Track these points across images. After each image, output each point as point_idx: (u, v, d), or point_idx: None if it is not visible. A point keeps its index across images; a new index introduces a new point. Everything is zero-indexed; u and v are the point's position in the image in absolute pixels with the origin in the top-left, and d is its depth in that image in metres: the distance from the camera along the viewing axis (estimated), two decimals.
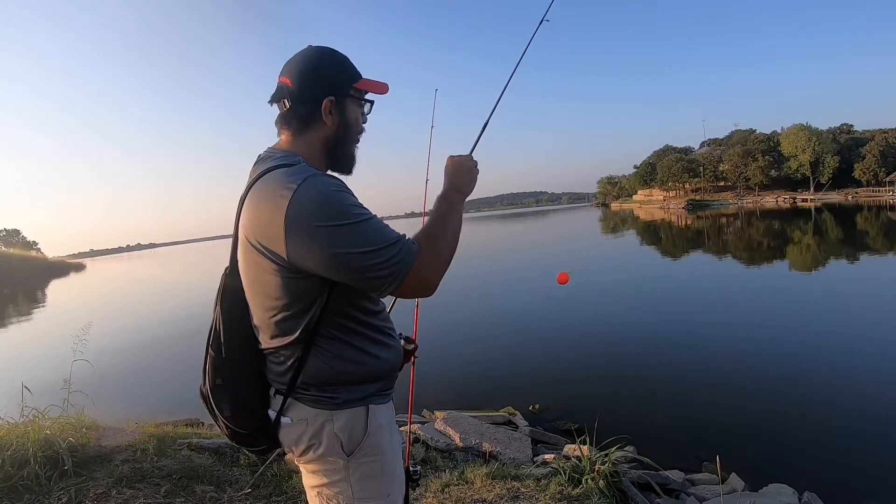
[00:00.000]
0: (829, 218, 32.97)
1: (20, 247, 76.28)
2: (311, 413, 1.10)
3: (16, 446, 2.81)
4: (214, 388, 1.13)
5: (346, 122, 1.16)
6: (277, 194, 0.99)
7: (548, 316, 10.50)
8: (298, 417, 1.11)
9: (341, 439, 1.09)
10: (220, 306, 1.14)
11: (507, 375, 6.84)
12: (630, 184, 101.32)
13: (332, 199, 0.99)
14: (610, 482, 2.85)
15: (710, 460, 4.01)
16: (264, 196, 1.02)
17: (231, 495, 2.83)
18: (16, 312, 23.53)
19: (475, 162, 1.29)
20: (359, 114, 1.19)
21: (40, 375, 5.16)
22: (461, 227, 1.19)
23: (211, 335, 1.15)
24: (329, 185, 1.01)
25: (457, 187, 1.22)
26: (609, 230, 39.52)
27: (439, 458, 3.76)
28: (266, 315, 1.08)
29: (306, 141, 1.14)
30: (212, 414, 1.17)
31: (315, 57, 1.14)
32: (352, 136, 1.19)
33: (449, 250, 1.12)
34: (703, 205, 66.89)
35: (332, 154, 1.17)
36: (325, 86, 1.12)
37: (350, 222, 0.98)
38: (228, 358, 1.12)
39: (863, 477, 3.95)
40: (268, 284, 1.05)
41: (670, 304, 10.72)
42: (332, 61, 1.15)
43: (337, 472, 1.12)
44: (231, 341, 1.12)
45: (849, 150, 62.62)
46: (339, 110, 1.14)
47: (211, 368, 1.13)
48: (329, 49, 1.16)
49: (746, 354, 6.87)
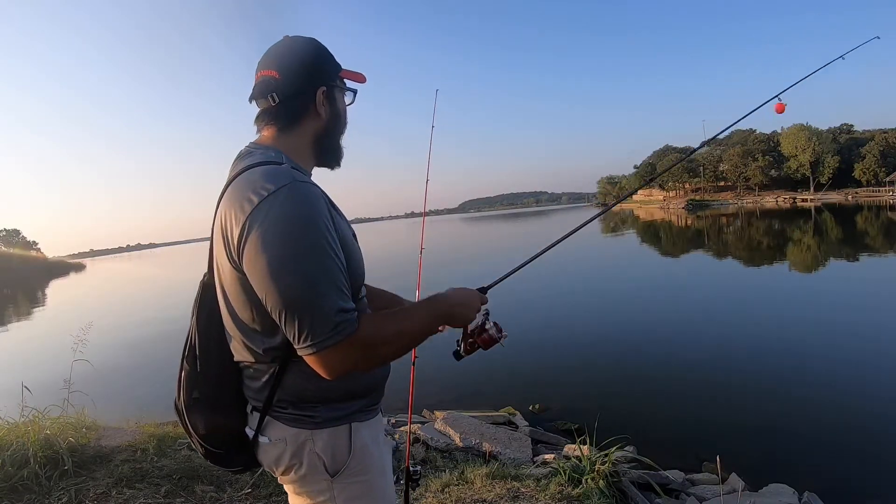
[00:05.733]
0: (829, 218, 32.96)
1: (20, 247, 76.29)
2: (290, 432, 1.02)
3: (16, 446, 2.81)
4: (189, 404, 1.06)
5: (337, 113, 1.13)
6: (248, 195, 0.93)
7: (548, 316, 10.49)
8: (277, 437, 1.04)
9: (324, 460, 1.03)
10: (197, 317, 1.07)
11: (507, 375, 6.83)
12: (630, 184, 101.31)
13: (298, 224, 0.90)
14: (610, 482, 2.86)
15: (710, 460, 4.00)
16: (237, 195, 0.95)
17: (231, 495, 2.83)
18: (16, 312, 23.53)
19: (485, 303, 1.24)
20: (345, 104, 1.16)
21: (40, 375, 5.16)
22: None
23: (186, 347, 1.07)
24: (305, 205, 0.92)
25: (449, 316, 1.14)
26: (609, 230, 39.51)
27: (439, 458, 3.76)
28: (238, 326, 1.01)
29: (295, 136, 1.09)
30: (186, 431, 1.10)
31: (303, 47, 1.09)
32: (342, 126, 1.16)
33: (390, 358, 1.02)
34: (703, 205, 66.90)
35: (322, 147, 1.13)
36: (317, 75, 1.08)
37: (301, 262, 0.89)
38: (204, 372, 1.05)
39: (863, 477, 3.94)
40: (237, 292, 0.98)
41: (670, 303, 10.71)
42: (319, 50, 1.10)
43: (322, 494, 1.05)
44: (208, 354, 1.05)
45: (849, 150, 62.66)
46: (331, 101, 1.11)
47: (186, 383, 1.06)
48: (313, 39, 1.11)
49: (746, 354, 6.86)
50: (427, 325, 1.07)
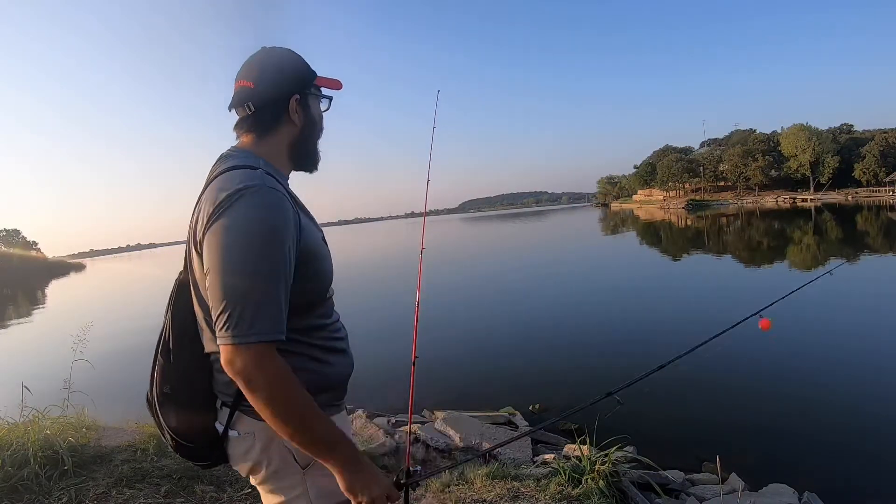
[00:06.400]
0: (829, 218, 32.95)
1: (20, 247, 76.25)
2: (258, 426, 1.03)
3: (16, 446, 2.82)
4: (162, 397, 1.09)
5: (312, 119, 1.18)
6: (219, 194, 0.98)
7: (548, 316, 10.49)
8: (246, 430, 1.06)
9: (293, 452, 1.05)
10: (171, 312, 1.10)
11: (507, 375, 6.84)
12: (630, 184, 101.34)
13: (257, 225, 0.94)
14: (610, 482, 2.85)
15: (710, 460, 4.00)
16: (210, 194, 1.00)
17: (231, 495, 2.83)
18: (16, 312, 23.52)
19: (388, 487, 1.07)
20: (320, 111, 1.21)
21: (40, 375, 5.16)
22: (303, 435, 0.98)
23: (160, 342, 1.11)
24: (267, 208, 0.96)
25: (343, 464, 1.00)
26: (609, 230, 39.51)
27: (439, 458, 3.76)
28: (206, 316, 1.03)
29: (272, 142, 1.13)
30: (157, 423, 1.12)
31: (276, 57, 1.14)
32: (317, 132, 1.20)
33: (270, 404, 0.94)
34: (703, 205, 66.88)
35: (298, 152, 1.17)
36: (290, 84, 1.12)
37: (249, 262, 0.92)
38: (177, 366, 1.08)
39: (863, 477, 3.94)
40: (206, 283, 1.01)
41: (670, 303, 10.71)
42: (293, 60, 1.15)
43: (294, 488, 1.07)
44: (181, 349, 1.08)
45: (849, 150, 62.64)
46: (305, 108, 1.15)
47: (159, 376, 1.09)
48: (287, 49, 1.16)
49: (746, 354, 6.86)
50: (322, 437, 0.98)
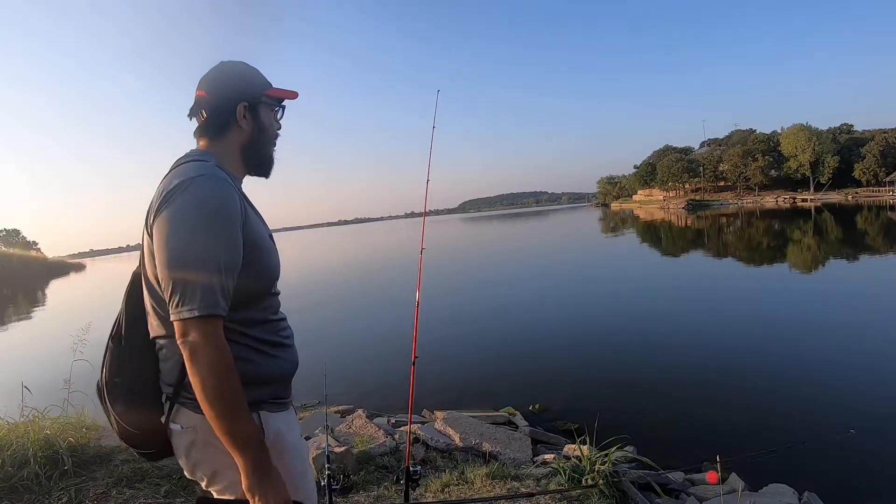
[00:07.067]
0: (829, 218, 32.95)
1: (20, 247, 76.21)
2: (198, 419, 1.04)
3: (16, 446, 2.81)
4: (111, 382, 1.12)
5: (262, 126, 1.24)
6: (174, 178, 1.06)
7: (548, 316, 10.49)
8: (188, 424, 1.08)
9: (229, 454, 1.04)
10: (126, 302, 1.17)
11: (507, 375, 6.84)
12: (630, 184, 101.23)
13: (206, 207, 1.01)
14: (610, 482, 2.85)
15: (710, 460, 4.00)
16: (164, 183, 1.08)
17: None
18: (16, 312, 23.52)
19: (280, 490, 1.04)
20: (272, 118, 1.27)
21: (40, 375, 5.16)
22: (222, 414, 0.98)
23: (114, 328, 1.16)
24: (217, 191, 1.04)
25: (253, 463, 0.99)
26: (609, 230, 39.51)
27: (439, 458, 3.76)
28: (153, 296, 1.09)
29: (223, 146, 1.21)
30: (105, 409, 1.15)
31: (228, 69, 1.23)
32: (268, 138, 1.26)
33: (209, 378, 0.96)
34: (703, 205, 66.84)
35: (250, 157, 1.24)
36: (238, 92, 1.20)
37: (198, 242, 0.99)
38: (127, 351, 1.13)
39: (863, 477, 3.94)
40: (150, 265, 1.07)
41: (670, 303, 10.71)
42: (241, 71, 1.24)
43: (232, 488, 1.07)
44: (132, 334, 1.13)
45: (849, 150, 62.56)
46: (254, 115, 1.22)
47: (110, 361, 1.14)
48: (240, 62, 1.25)
49: (746, 354, 6.86)
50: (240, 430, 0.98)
